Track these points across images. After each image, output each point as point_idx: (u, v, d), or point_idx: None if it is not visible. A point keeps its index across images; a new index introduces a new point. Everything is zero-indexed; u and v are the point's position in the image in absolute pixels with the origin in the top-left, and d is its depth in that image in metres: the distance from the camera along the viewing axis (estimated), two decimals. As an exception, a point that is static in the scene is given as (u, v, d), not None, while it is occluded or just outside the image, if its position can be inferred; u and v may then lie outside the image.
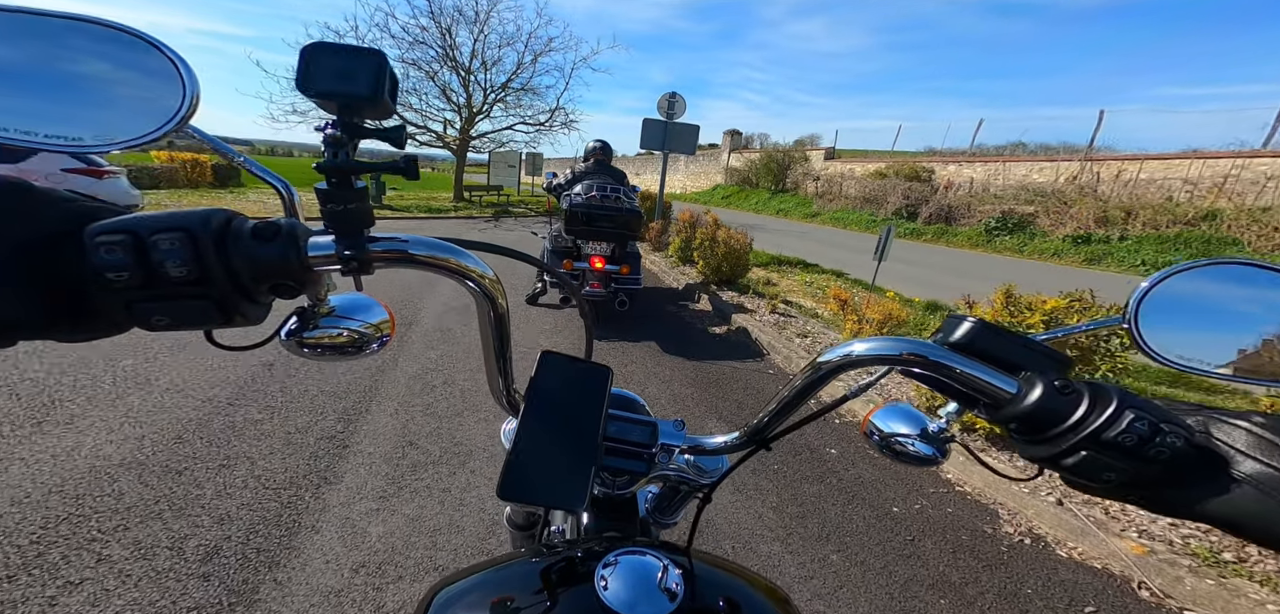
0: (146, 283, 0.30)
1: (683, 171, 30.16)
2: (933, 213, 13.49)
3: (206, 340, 0.37)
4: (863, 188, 16.56)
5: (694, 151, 7.54)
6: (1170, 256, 8.60)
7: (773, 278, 6.63)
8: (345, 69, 0.32)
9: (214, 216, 0.31)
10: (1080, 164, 12.66)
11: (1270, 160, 10.12)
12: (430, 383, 3.12)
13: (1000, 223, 11.77)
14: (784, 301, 5.26)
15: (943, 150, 19.02)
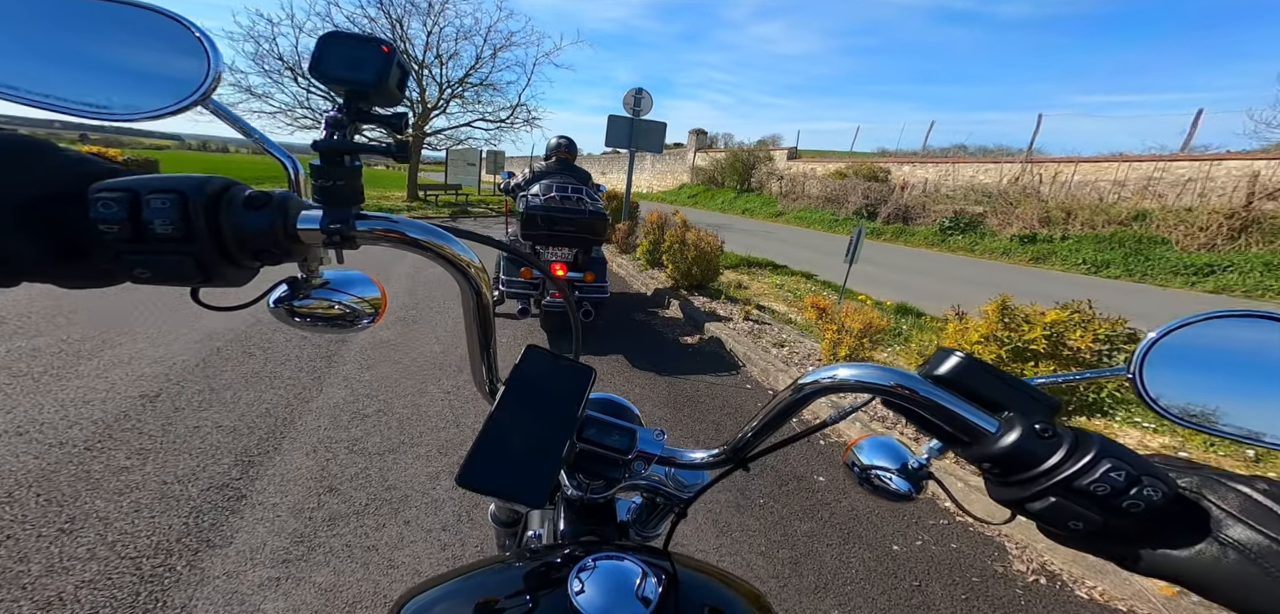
0: (134, 237, 0.32)
1: (649, 171, 29.98)
2: (891, 213, 13.87)
3: (192, 299, 0.39)
4: (824, 187, 16.88)
5: (661, 150, 7.26)
6: (1107, 255, 9.14)
7: (744, 281, 6.44)
8: (355, 57, 0.35)
9: (211, 182, 0.34)
10: (1021, 166, 13.37)
11: (1188, 163, 10.99)
12: (361, 411, 2.66)
13: (953, 223, 12.22)
14: (758, 307, 5.06)
15: (897, 152, 19.74)
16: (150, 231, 0.32)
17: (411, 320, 4.08)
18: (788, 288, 6.24)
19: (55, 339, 3.12)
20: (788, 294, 5.92)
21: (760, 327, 4.37)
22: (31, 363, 2.79)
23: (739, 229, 13.96)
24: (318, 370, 3.05)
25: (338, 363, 3.17)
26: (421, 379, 3.06)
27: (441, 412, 2.73)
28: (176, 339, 3.28)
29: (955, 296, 6.64)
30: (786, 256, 8.80)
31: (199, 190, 0.33)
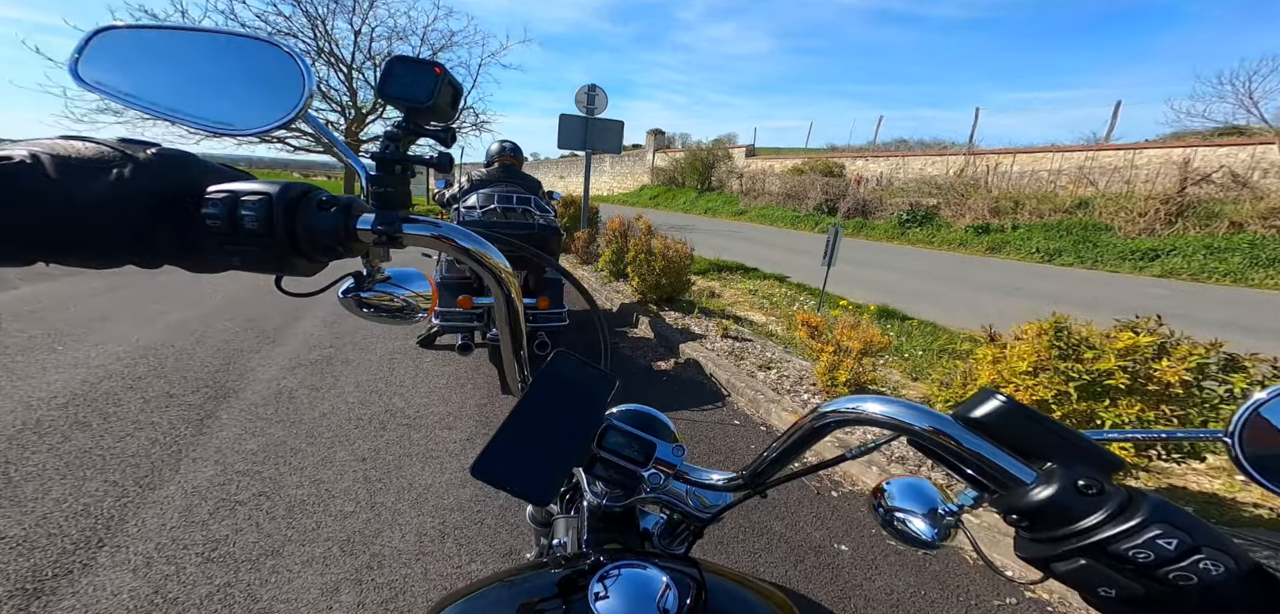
0: (231, 231, 0.37)
1: (609, 173, 29.37)
2: (851, 207, 13.98)
3: (276, 286, 0.44)
4: (784, 184, 16.90)
5: (619, 150, 6.72)
6: (1057, 243, 9.43)
7: (716, 288, 5.99)
8: (412, 78, 0.41)
9: (293, 188, 0.39)
10: (965, 158, 13.81)
11: (1114, 152, 11.65)
12: (233, 497, 1.95)
13: (910, 216, 12.39)
14: (735, 320, 4.60)
15: (848, 147, 20.17)
16: (242, 228, 0.37)
17: (325, 362, 3.31)
18: (762, 293, 5.84)
19: None
20: (764, 301, 5.51)
21: (741, 345, 3.90)
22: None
23: (703, 230, 13.63)
24: (178, 441, 2.27)
25: (211, 427, 2.40)
26: (327, 444, 2.35)
27: (351, 488, 2.06)
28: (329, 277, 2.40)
29: (930, 293, 6.58)
30: (756, 257, 8.47)
31: (283, 194, 0.38)
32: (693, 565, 0.42)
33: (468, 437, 2.51)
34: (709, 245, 10.26)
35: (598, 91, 6.15)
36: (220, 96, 0.41)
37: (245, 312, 4.20)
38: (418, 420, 2.63)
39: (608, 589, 0.37)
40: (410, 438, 2.46)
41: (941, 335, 4.35)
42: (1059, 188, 11.51)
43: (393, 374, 3.17)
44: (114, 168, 0.34)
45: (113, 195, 0.34)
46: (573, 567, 0.43)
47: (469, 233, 0.46)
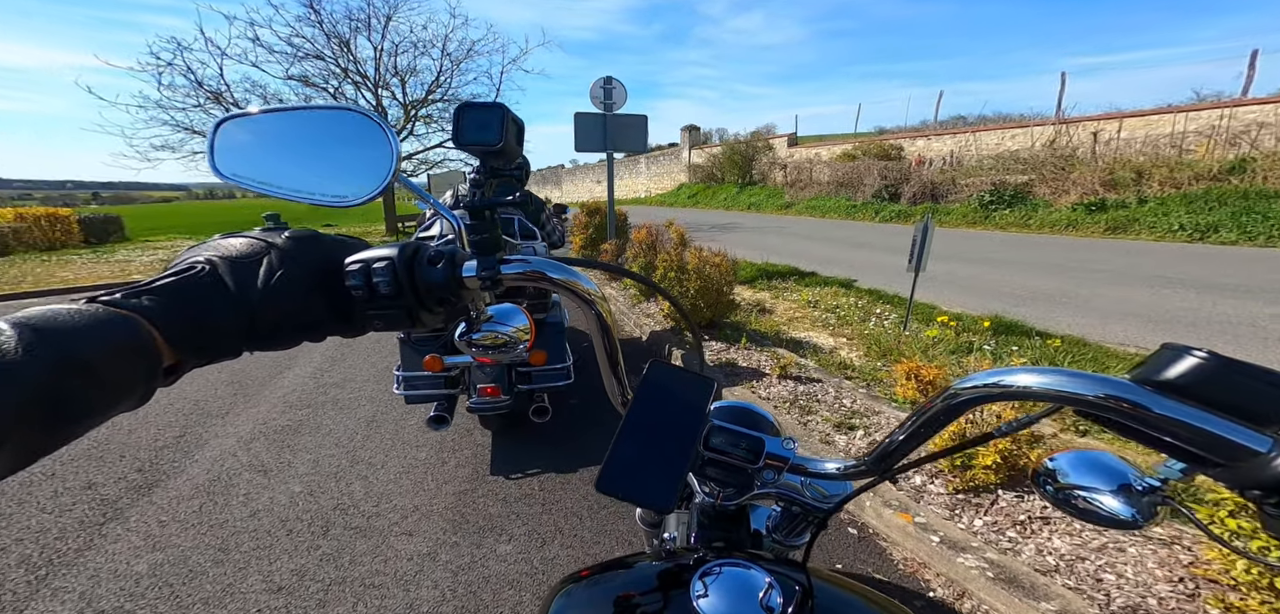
0: (371, 298, 0.41)
1: (645, 174, 28.70)
2: (917, 192, 12.39)
3: (406, 340, 0.89)
4: (835, 172, 15.43)
5: (645, 148, 5.95)
6: (1210, 217, 7.57)
7: (767, 300, 5.04)
8: (482, 121, 0.45)
9: (407, 247, 0.43)
10: (1055, 128, 11.84)
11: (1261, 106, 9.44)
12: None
13: (995, 195, 10.70)
14: (795, 348, 3.66)
15: (902, 128, 18.25)
16: (379, 293, 0.41)
17: (293, 429, 2.75)
18: (826, 305, 4.82)
19: None
20: (829, 315, 4.50)
21: (807, 388, 2.98)
22: None
23: (748, 227, 12.56)
24: (53, 558, 1.70)
25: (105, 535, 1.83)
26: (240, 564, 1.72)
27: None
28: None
29: (1057, 293, 5.08)
30: (812, 257, 7.39)
31: (401, 255, 0.41)
32: (800, 570, 0.42)
33: (428, 551, 1.80)
34: (755, 245, 9.23)
35: (615, 84, 5.38)
36: (324, 166, 0.47)
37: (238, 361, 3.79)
38: (371, 522, 1.96)
39: (710, 586, 0.38)
40: (352, 551, 1.79)
41: (1112, 358, 3.19)
42: (1185, 151, 9.50)
43: (364, 445, 2.54)
44: (264, 258, 0.38)
45: (275, 284, 0.37)
46: (676, 561, 0.45)
47: (558, 264, 0.47)
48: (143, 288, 0.32)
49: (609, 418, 2.92)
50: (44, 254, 10.76)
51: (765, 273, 6.22)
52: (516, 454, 2.45)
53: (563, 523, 1.98)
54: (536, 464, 2.36)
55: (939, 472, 2.10)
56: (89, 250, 11.26)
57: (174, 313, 0.32)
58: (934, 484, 2.06)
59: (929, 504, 1.96)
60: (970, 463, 1.99)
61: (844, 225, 12.14)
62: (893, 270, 6.36)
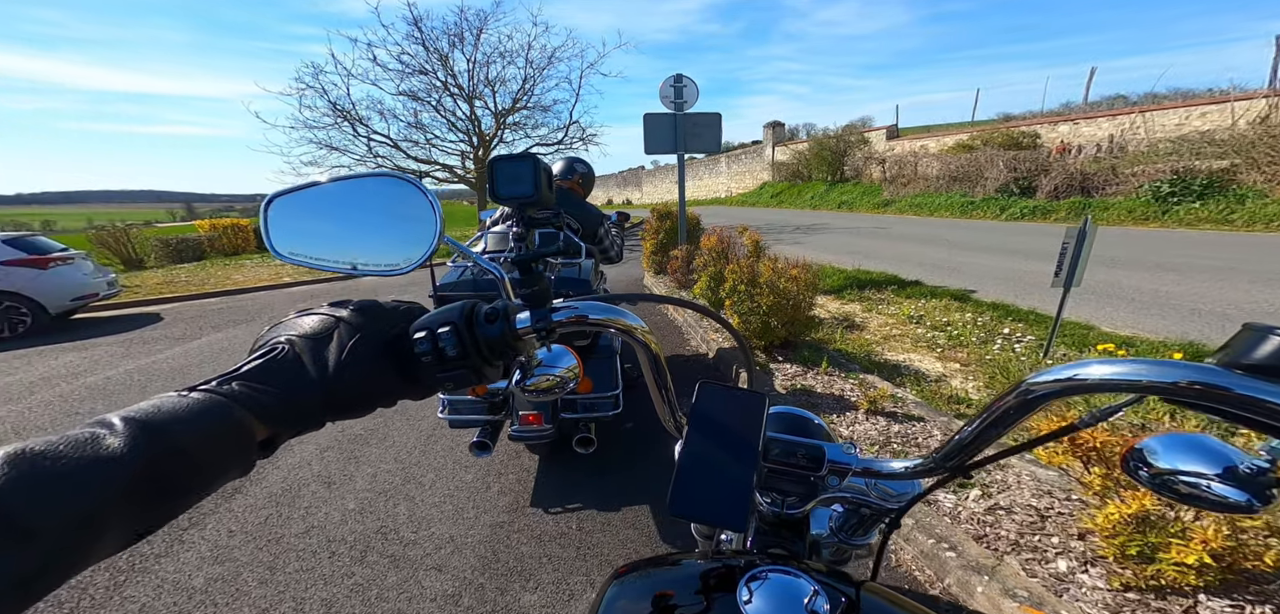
0: (439, 360, 0.42)
1: (725, 174, 27.94)
2: (1060, 185, 10.32)
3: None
4: (946, 165, 13.53)
5: (718, 147, 5.56)
6: None
7: (856, 314, 4.40)
8: (515, 174, 0.46)
9: (464, 307, 0.43)
10: (1268, 101, 9.08)
11: None
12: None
13: (1179, 185, 8.49)
14: (891, 375, 3.07)
15: (1045, 111, 15.44)
16: (445, 355, 0.41)
17: (365, 438, 2.85)
18: (933, 321, 4.06)
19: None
20: (937, 334, 3.76)
21: (905, 429, 2.42)
22: None
23: (838, 228, 11.48)
24: (135, 563, 1.86)
25: (185, 542, 1.97)
26: (279, 589, 1.73)
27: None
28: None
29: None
30: (915, 262, 6.45)
31: (459, 316, 0.42)
32: (849, 583, 0.41)
33: (453, 592, 1.67)
34: (845, 249, 8.32)
35: (686, 82, 5.08)
36: (373, 235, 0.49)
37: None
38: (407, 550, 1.89)
39: (756, 591, 0.39)
40: (381, 585, 1.72)
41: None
42: None
43: (419, 462, 2.54)
44: (335, 332, 0.40)
45: (346, 359, 0.39)
46: (725, 562, 0.45)
47: (602, 305, 0.48)
48: (236, 373, 0.35)
49: (661, 446, 2.65)
50: (228, 258, 13.24)
51: (856, 281, 5.49)
52: (560, 483, 2.28)
53: (595, 572, 1.75)
54: (579, 497, 2.16)
55: (1097, 556, 1.51)
56: (259, 255, 13.58)
57: (263, 394, 0.35)
58: (1088, 572, 1.48)
59: (1078, 601, 1.40)
60: (1154, 554, 1.38)
61: (957, 226, 10.54)
62: (1025, 279, 5.26)
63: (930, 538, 1.72)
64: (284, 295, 7.80)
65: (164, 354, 4.64)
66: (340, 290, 7.93)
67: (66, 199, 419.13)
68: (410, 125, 13.63)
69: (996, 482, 1.98)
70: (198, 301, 7.67)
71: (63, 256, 6.18)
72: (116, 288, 7.10)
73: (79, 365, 4.36)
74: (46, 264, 5.94)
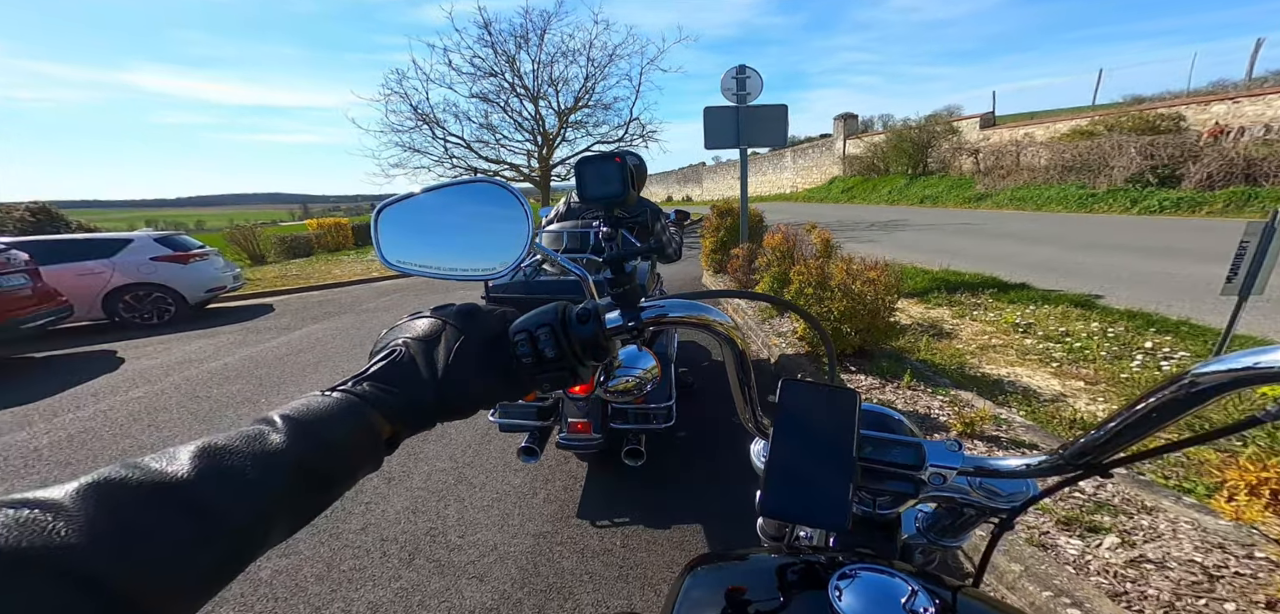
0: (537, 361, 0.42)
1: (790, 168, 26.68)
2: (1215, 173, 8.55)
3: (565, 394, 0.80)
4: (1058, 154, 11.81)
5: (784, 141, 5.19)
6: None
7: (944, 321, 3.86)
8: (602, 174, 0.65)
9: (557, 308, 0.43)
10: None
11: None
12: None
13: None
14: (986, 388, 2.62)
15: (1191, 91, 12.98)
16: (544, 357, 0.42)
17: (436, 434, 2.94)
18: (1047, 329, 3.45)
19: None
20: (1051, 344, 3.18)
21: (1016, 459, 2.01)
22: None
23: (920, 224, 10.43)
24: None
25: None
26: (331, 589, 1.76)
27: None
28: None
29: None
30: (1020, 262, 5.63)
31: (555, 317, 0.43)
32: (948, 586, 0.39)
33: (491, 605, 1.61)
34: (930, 246, 7.49)
35: (749, 73, 4.77)
36: (470, 240, 0.51)
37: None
38: (452, 556, 1.87)
39: (848, 589, 0.37)
40: (424, 591, 1.70)
41: None
42: None
43: (473, 462, 2.54)
44: (442, 336, 0.41)
45: (453, 360, 0.40)
46: (816, 558, 0.44)
47: (689, 302, 0.48)
48: (365, 375, 0.38)
49: (716, 459, 2.44)
50: (330, 254, 14.80)
51: (944, 283, 4.87)
52: (608, 494, 2.16)
53: (635, 595, 1.62)
54: (626, 511, 2.03)
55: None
56: (355, 251, 15.03)
57: (387, 395, 0.37)
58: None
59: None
60: None
61: (1073, 221, 9.15)
62: (1171, 282, 4.37)
63: (1047, 589, 1.38)
64: (370, 289, 8.50)
65: (271, 343, 5.19)
66: (422, 287, 8.51)
67: (211, 202, 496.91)
68: (481, 126, 14.37)
69: (1142, 528, 1.57)
70: (303, 294, 8.58)
71: (200, 253, 7.15)
72: (241, 281, 8.13)
73: (204, 351, 5.00)
74: (187, 260, 6.90)
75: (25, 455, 2.72)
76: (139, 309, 6.46)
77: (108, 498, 0.23)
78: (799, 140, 27.83)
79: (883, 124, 24.19)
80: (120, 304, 6.36)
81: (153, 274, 6.53)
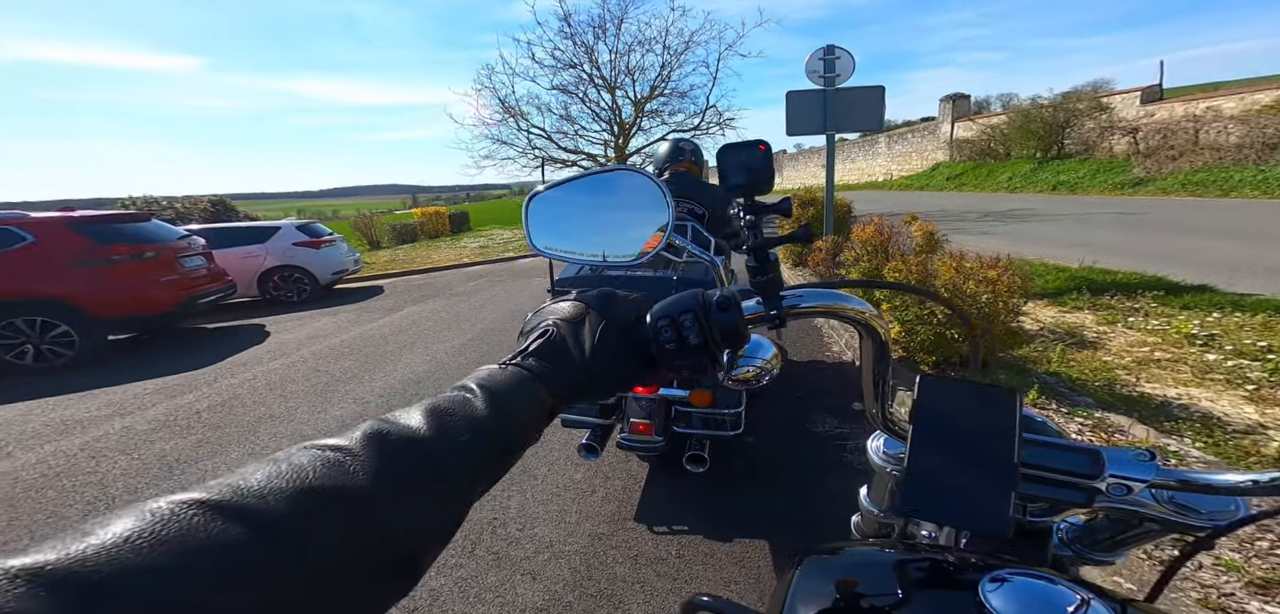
0: (680, 346, 0.42)
1: (884, 155, 24.35)
2: None
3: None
4: (1257, 130, 9.35)
5: (880, 125, 4.66)
6: None
7: (1085, 327, 3.18)
8: (743, 163, 0.48)
9: (697, 295, 0.43)
10: None
11: None
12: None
13: None
14: (1149, 412, 2.09)
15: None
16: (687, 343, 0.42)
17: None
18: (1237, 340, 2.70)
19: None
20: (1247, 362, 2.46)
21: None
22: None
23: (1052, 214, 8.91)
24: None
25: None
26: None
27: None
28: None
29: None
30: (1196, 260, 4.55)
31: (696, 303, 0.43)
32: (1117, 600, 0.35)
33: (540, 606, 1.58)
34: (1066, 239, 6.35)
35: (839, 53, 4.30)
36: (611, 227, 0.53)
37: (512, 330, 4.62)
38: (509, 549, 1.87)
39: (1002, 594, 0.34)
40: (480, 585, 1.71)
41: None
42: None
43: (536, 453, 2.51)
44: (585, 318, 0.42)
45: (597, 341, 0.41)
46: (957, 558, 0.42)
47: (832, 292, 0.48)
48: (528, 351, 0.39)
49: (795, 474, 2.20)
50: (430, 240, 16.31)
51: (1085, 282, 4.04)
52: (668, 499, 2.06)
53: None
54: (685, 518, 1.91)
55: None
56: (451, 238, 16.39)
57: (547, 370, 0.38)
58: None
59: None
60: None
61: (1271, 209, 7.18)
62: None
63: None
64: (460, 274, 9.20)
65: (380, 322, 5.81)
66: (501, 271, 9.04)
67: (344, 193, 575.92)
68: (561, 118, 14.83)
69: None
70: (406, 277, 9.56)
71: (329, 240, 8.23)
72: (359, 265, 9.26)
73: (327, 328, 5.74)
74: (319, 245, 7.98)
75: (189, 417, 3.25)
76: (284, 288, 7.59)
77: (382, 446, 0.27)
78: (895, 125, 25.31)
79: (1002, 104, 21.09)
80: (271, 283, 7.53)
81: (294, 258, 7.64)
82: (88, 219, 4.90)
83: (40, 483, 2.44)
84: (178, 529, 0.19)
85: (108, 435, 2.98)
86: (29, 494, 2.34)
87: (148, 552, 0.18)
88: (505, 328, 4.93)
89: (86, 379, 4.13)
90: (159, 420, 3.18)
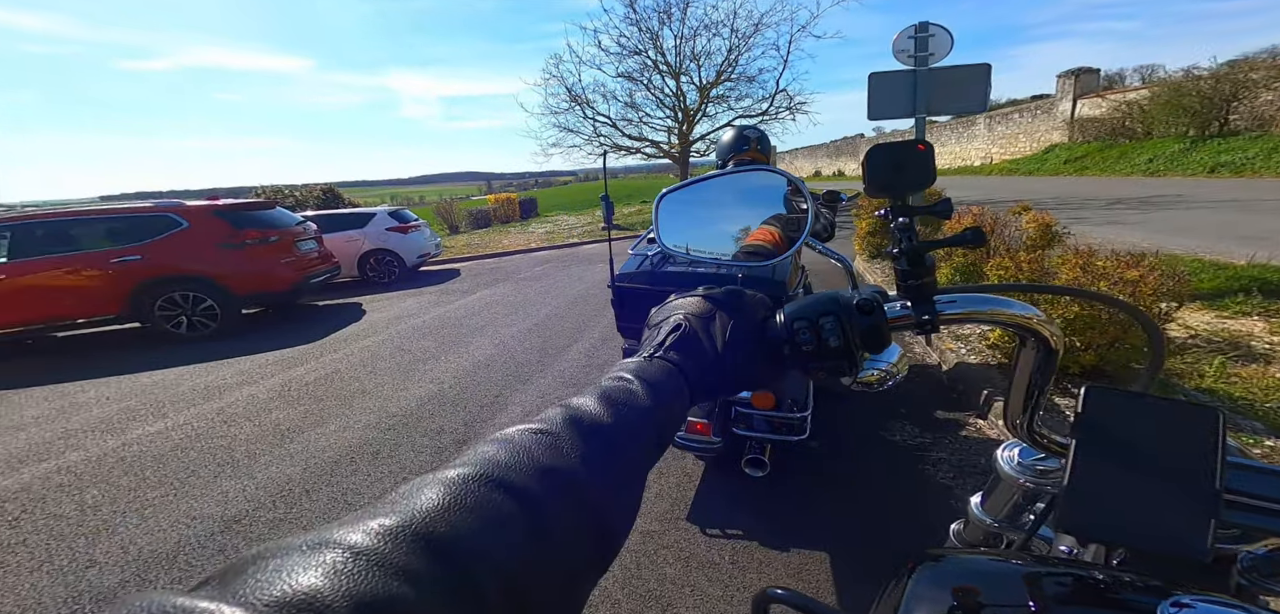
0: (818, 349, 0.42)
1: (984, 137, 21.76)
2: None
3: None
4: None
5: (984, 106, 4.10)
6: None
7: (1254, 337, 2.58)
8: (893, 161, 0.44)
9: (835, 297, 0.43)
10: None
11: None
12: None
13: None
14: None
15: None
16: (826, 346, 0.42)
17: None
18: None
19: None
20: None
21: None
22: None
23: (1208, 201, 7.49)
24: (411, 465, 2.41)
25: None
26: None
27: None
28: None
29: None
30: None
31: (837, 305, 0.42)
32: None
33: (591, 602, 1.58)
34: (1225, 230, 5.28)
35: (933, 30, 3.82)
36: (745, 227, 0.53)
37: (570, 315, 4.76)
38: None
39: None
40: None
41: None
42: None
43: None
44: (715, 315, 0.42)
45: (729, 339, 0.41)
46: (1133, 578, 0.40)
47: (992, 298, 0.45)
48: (667, 344, 0.40)
49: (863, 484, 2.01)
50: (502, 225, 17.18)
51: (1255, 282, 3.28)
52: (724, 500, 1.97)
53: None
54: (740, 522, 1.82)
55: None
56: (519, 224, 17.14)
57: (687, 364, 0.39)
58: None
59: None
60: None
61: None
62: None
63: None
64: (527, 259, 9.60)
65: (455, 305, 6.22)
66: (565, 256, 9.29)
67: (430, 181, 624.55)
68: (626, 105, 14.91)
69: None
70: (480, 261, 10.17)
71: (415, 225, 8.97)
72: (440, 249, 9.99)
73: (410, 309, 6.25)
74: (406, 230, 8.73)
75: (299, 389, 3.66)
76: (378, 270, 8.40)
77: (581, 430, 0.29)
78: (998, 104, 22.43)
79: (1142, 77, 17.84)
80: (367, 265, 8.36)
81: (386, 241, 8.40)
82: (228, 207, 5.72)
83: (186, 443, 2.86)
84: (473, 499, 0.22)
85: (236, 402, 3.45)
86: (177, 453, 2.75)
87: (459, 516, 0.21)
88: (567, 315, 5.04)
89: (224, 349, 4.83)
90: (275, 391, 3.62)
